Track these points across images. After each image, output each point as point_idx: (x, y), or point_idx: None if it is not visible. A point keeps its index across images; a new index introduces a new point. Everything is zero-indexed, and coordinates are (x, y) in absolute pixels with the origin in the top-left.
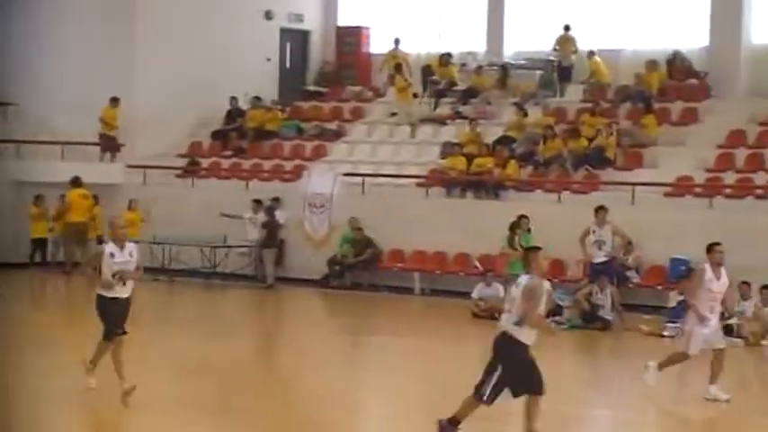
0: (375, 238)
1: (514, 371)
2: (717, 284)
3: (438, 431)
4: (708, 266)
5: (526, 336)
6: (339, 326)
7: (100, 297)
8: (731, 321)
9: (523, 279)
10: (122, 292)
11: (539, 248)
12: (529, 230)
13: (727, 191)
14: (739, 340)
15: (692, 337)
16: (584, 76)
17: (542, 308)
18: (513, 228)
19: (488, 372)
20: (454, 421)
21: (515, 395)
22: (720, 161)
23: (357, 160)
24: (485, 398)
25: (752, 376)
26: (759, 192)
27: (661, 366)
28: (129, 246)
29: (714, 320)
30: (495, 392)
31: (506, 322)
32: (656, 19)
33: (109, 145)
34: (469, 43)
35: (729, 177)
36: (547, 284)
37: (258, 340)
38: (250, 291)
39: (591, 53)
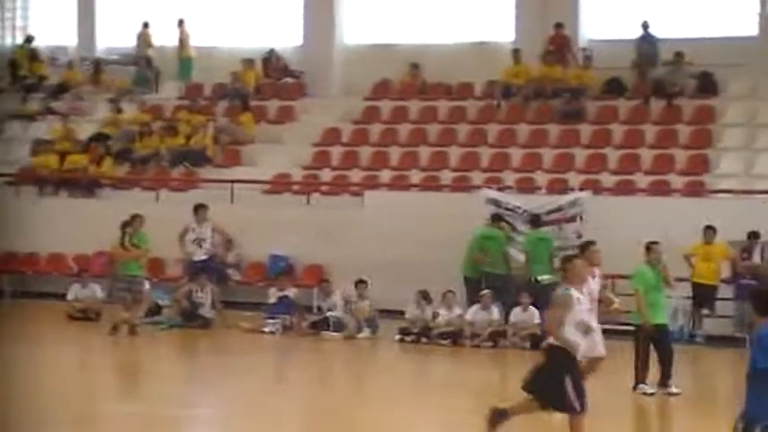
0: None
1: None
2: (593, 283)
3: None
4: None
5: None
6: None
7: None
8: (329, 314)
9: (559, 289)
10: None
11: (574, 257)
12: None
13: (324, 188)
14: (336, 334)
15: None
16: (182, 76)
17: (575, 316)
18: (125, 227)
19: (559, 386)
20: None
21: None
22: (317, 159)
23: None
24: (577, 408)
25: (345, 368)
26: (354, 188)
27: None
28: None
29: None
30: (581, 396)
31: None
32: (251, 17)
33: None
34: (60, 37)
35: (326, 175)
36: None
37: None
38: None
39: (180, 22)
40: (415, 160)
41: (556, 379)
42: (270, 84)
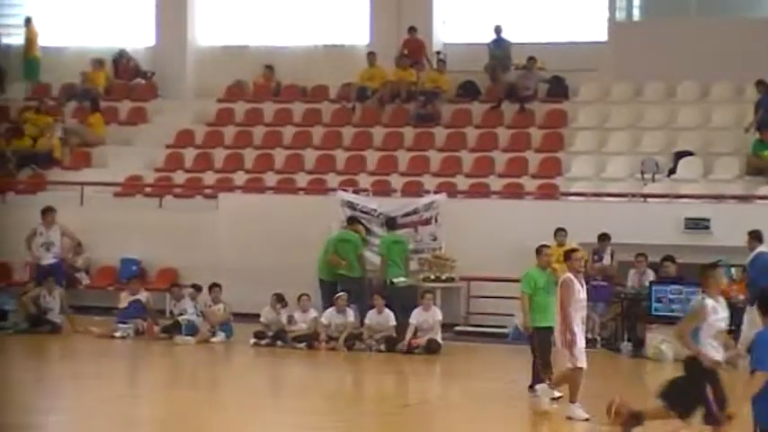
0: None
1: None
2: (584, 293)
3: None
4: (571, 276)
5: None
6: None
7: None
8: (182, 318)
9: (696, 298)
10: None
11: (715, 266)
12: None
13: (177, 190)
14: (190, 338)
15: (575, 349)
16: (29, 76)
17: (717, 326)
18: None
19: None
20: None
21: None
22: (169, 161)
23: None
24: (720, 420)
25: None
26: (208, 191)
27: (555, 386)
28: None
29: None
30: (722, 408)
31: None
32: (101, 17)
33: None
34: None
35: (179, 177)
36: (710, 302)
37: None
38: None
39: (28, 20)
40: (269, 163)
41: (696, 390)
42: (121, 85)
